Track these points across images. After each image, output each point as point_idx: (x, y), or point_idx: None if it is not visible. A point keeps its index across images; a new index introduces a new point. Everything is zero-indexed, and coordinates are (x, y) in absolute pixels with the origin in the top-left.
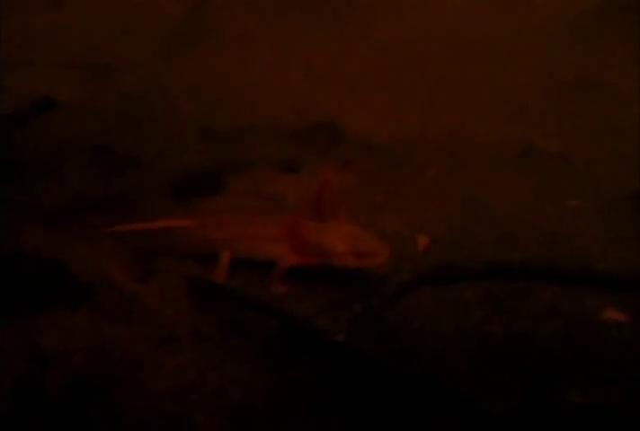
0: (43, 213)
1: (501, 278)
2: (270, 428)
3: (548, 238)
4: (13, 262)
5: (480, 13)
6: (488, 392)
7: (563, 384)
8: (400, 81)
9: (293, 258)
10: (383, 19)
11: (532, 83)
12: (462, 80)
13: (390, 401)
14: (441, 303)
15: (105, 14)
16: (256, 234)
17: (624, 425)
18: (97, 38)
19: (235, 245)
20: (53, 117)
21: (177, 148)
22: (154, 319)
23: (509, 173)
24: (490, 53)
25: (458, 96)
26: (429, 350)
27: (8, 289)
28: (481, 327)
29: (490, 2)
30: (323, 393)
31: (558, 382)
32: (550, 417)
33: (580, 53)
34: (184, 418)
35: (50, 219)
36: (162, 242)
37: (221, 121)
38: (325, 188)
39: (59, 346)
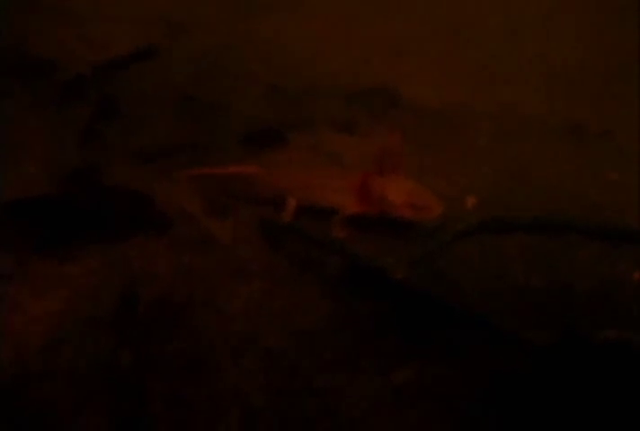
0: (135, 152)
1: (544, 232)
2: (331, 351)
3: (587, 206)
4: (106, 194)
5: None
6: (529, 328)
7: (596, 326)
8: (456, 52)
9: (355, 206)
10: None
11: (584, 63)
12: (516, 56)
13: (440, 331)
14: (486, 256)
15: None
16: (322, 184)
17: None
18: None
19: (301, 193)
20: (143, 66)
21: (247, 103)
22: (228, 253)
23: (555, 146)
24: (546, 32)
25: (511, 71)
26: (475, 294)
27: (100, 218)
28: (521, 279)
29: None
30: (379, 322)
31: (592, 324)
32: (586, 348)
33: (635, 36)
34: (254, 339)
35: (140, 158)
36: (235, 186)
37: (286, 81)
38: (388, 146)
39: (146, 269)
